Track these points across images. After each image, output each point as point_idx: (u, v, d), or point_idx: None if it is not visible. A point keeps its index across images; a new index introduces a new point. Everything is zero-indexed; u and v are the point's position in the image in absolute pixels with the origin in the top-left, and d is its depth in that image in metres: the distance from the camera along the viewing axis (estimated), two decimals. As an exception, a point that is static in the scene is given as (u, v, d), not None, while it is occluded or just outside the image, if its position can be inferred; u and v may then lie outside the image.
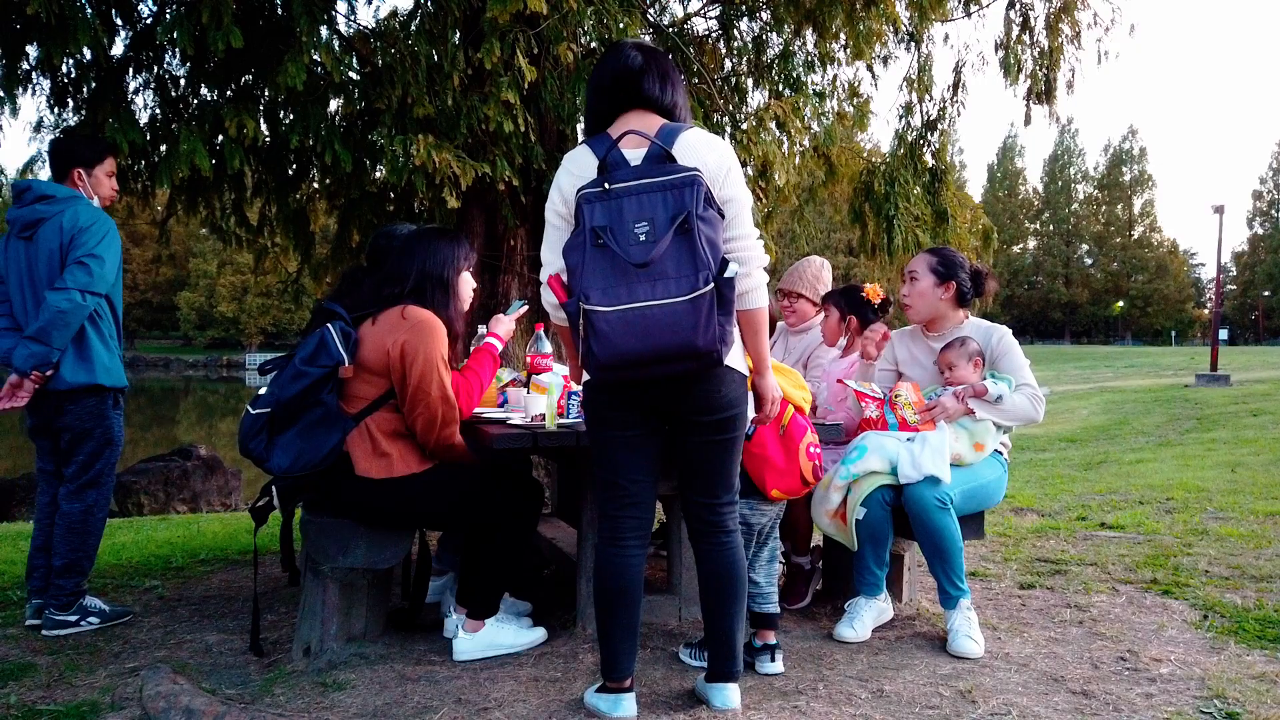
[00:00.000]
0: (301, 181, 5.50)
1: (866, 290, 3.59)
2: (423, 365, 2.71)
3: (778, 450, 2.67)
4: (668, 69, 2.35)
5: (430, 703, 2.45)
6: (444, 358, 2.77)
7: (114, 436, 3.28)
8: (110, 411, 3.26)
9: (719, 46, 5.88)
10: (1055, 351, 48.83)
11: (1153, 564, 3.93)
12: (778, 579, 2.86)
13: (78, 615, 3.20)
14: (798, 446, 2.68)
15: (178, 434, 22.11)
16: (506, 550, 2.84)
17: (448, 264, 2.89)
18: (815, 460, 2.71)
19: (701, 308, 2.06)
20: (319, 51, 4.15)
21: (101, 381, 3.20)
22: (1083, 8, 5.87)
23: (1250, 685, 2.54)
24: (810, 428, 2.75)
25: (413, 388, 2.71)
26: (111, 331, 3.28)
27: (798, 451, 2.68)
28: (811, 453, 2.70)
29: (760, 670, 2.66)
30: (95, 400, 3.21)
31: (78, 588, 3.22)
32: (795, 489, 2.71)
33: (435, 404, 2.74)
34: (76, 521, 3.22)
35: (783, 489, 2.69)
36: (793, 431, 2.68)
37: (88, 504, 3.24)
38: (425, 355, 2.71)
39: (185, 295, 63.62)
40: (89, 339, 3.17)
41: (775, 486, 2.68)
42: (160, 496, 8.25)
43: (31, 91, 4.69)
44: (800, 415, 2.71)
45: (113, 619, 3.27)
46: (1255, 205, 72.59)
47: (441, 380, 2.75)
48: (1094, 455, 9.46)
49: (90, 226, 3.14)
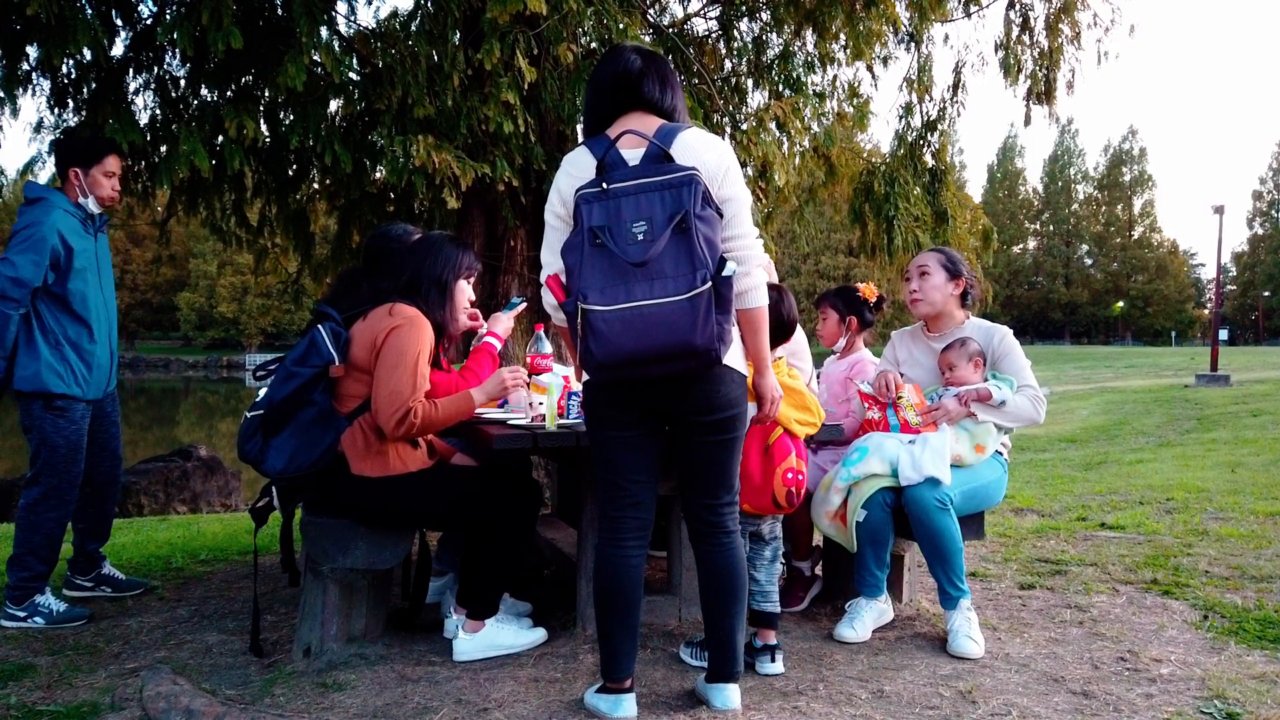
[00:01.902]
0: (301, 182, 5.50)
1: (861, 289, 3.60)
2: (398, 352, 2.66)
3: (757, 466, 2.64)
4: (667, 73, 2.36)
5: (430, 703, 2.45)
6: (423, 354, 2.71)
7: (49, 439, 3.25)
8: (42, 414, 3.24)
9: (719, 47, 5.88)
10: (1055, 352, 48.84)
11: (1153, 564, 3.93)
12: (778, 580, 2.86)
13: (26, 612, 3.25)
14: (775, 468, 2.64)
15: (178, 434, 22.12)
16: (506, 550, 2.84)
17: (448, 267, 2.89)
18: (792, 486, 2.65)
19: (699, 306, 2.06)
20: (319, 52, 4.15)
21: (20, 387, 3.21)
22: (1083, 8, 5.88)
23: (1250, 685, 2.54)
24: (798, 452, 2.69)
25: (379, 370, 2.67)
26: (69, 335, 3.26)
27: (774, 472, 2.64)
28: (788, 478, 2.64)
29: (760, 671, 2.66)
30: (28, 403, 3.25)
31: (23, 583, 3.25)
32: (765, 508, 2.68)
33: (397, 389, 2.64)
34: (20, 516, 3.30)
35: (753, 504, 2.66)
36: (774, 452, 2.65)
37: (30, 500, 3.29)
38: (401, 344, 2.67)
39: (185, 296, 63.62)
40: (32, 341, 3.20)
41: (747, 500, 2.63)
42: (160, 497, 8.25)
43: (31, 92, 4.69)
44: (789, 438, 2.67)
45: (62, 620, 3.26)
46: (1255, 205, 72.64)
47: (414, 370, 2.66)
48: (1094, 455, 9.46)
49: (18, 230, 3.17)
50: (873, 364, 3.57)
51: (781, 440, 2.66)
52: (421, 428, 2.71)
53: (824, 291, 3.80)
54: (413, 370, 2.67)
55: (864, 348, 3.69)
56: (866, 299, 3.60)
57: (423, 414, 2.69)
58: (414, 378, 2.67)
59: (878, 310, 3.65)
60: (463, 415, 2.81)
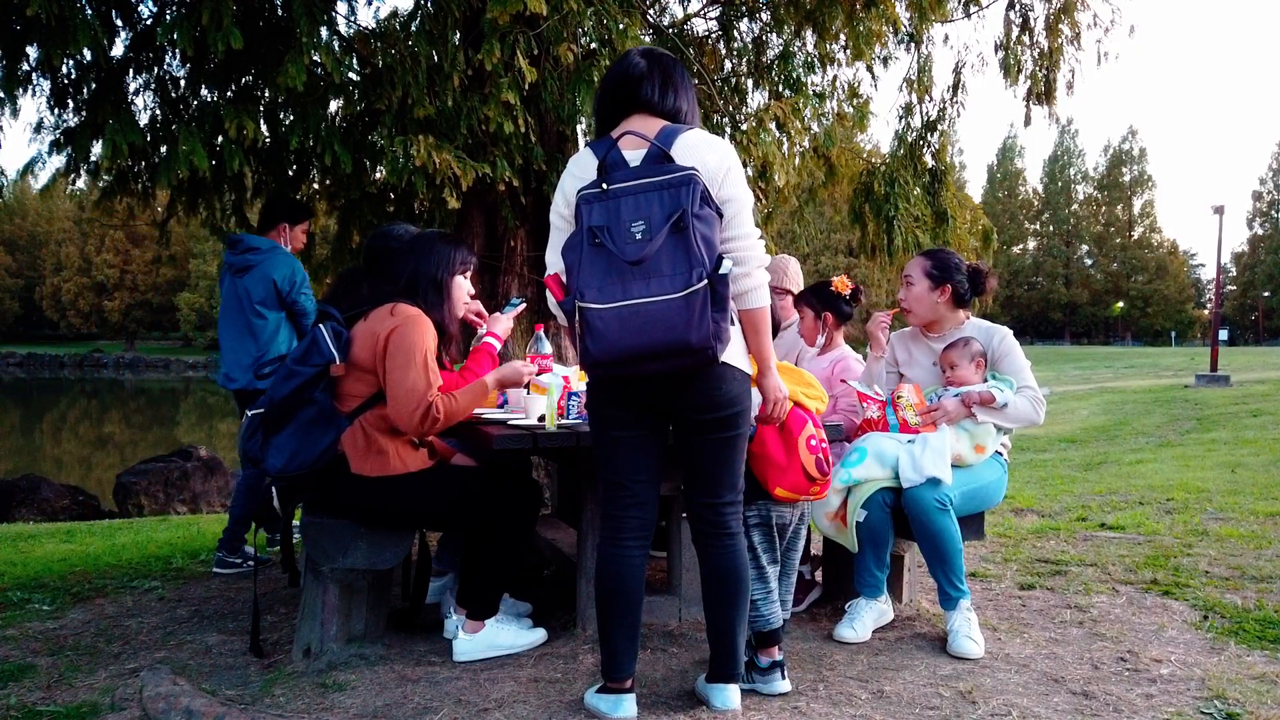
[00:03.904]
0: (301, 182, 5.50)
1: (835, 283, 3.57)
2: (406, 351, 2.66)
3: (777, 446, 2.54)
4: (671, 74, 2.36)
5: (430, 703, 2.45)
6: (430, 350, 2.73)
7: None
8: None
9: (719, 47, 5.88)
10: (1055, 352, 48.83)
11: (1153, 565, 3.93)
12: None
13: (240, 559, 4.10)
14: (796, 440, 2.53)
15: (178, 435, 22.12)
16: (506, 550, 2.84)
17: (442, 265, 2.89)
18: (818, 454, 2.54)
19: (695, 304, 2.06)
20: (319, 52, 4.15)
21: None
22: (1082, 9, 5.87)
23: (1250, 686, 2.54)
24: (814, 421, 2.59)
25: (391, 371, 2.67)
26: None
27: (797, 445, 2.53)
28: (813, 445, 2.54)
29: (767, 691, 2.51)
30: None
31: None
32: (800, 485, 2.53)
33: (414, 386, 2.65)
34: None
35: (786, 486, 2.54)
36: (790, 425, 2.55)
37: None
38: (408, 342, 2.68)
39: (185, 296, 63.61)
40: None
41: (778, 484, 2.54)
42: (160, 497, 8.26)
43: (31, 92, 4.68)
44: (800, 409, 2.58)
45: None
46: (1255, 205, 72.56)
47: (425, 365, 2.67)
48: (1094, 456, 9.46)
49: (300, 277, 4.16)
50: (857, 361, 3.58)
51: (794, 413, 2.56)
52: (445, 420, 2.71)
53: (799, 291, 3.80)
54: (424, 366, 2.68)
55: (843, 343, 3.68)
56: (840, 292, 3.58)
57: (444, 406, 2.69)
58: (427, 373, 2.68)
59: (854, 303, 3.61)
60: (480, 403, 2.84)
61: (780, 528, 2.70)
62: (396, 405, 2.67)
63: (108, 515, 7.97)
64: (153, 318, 68.91)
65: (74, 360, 63.22)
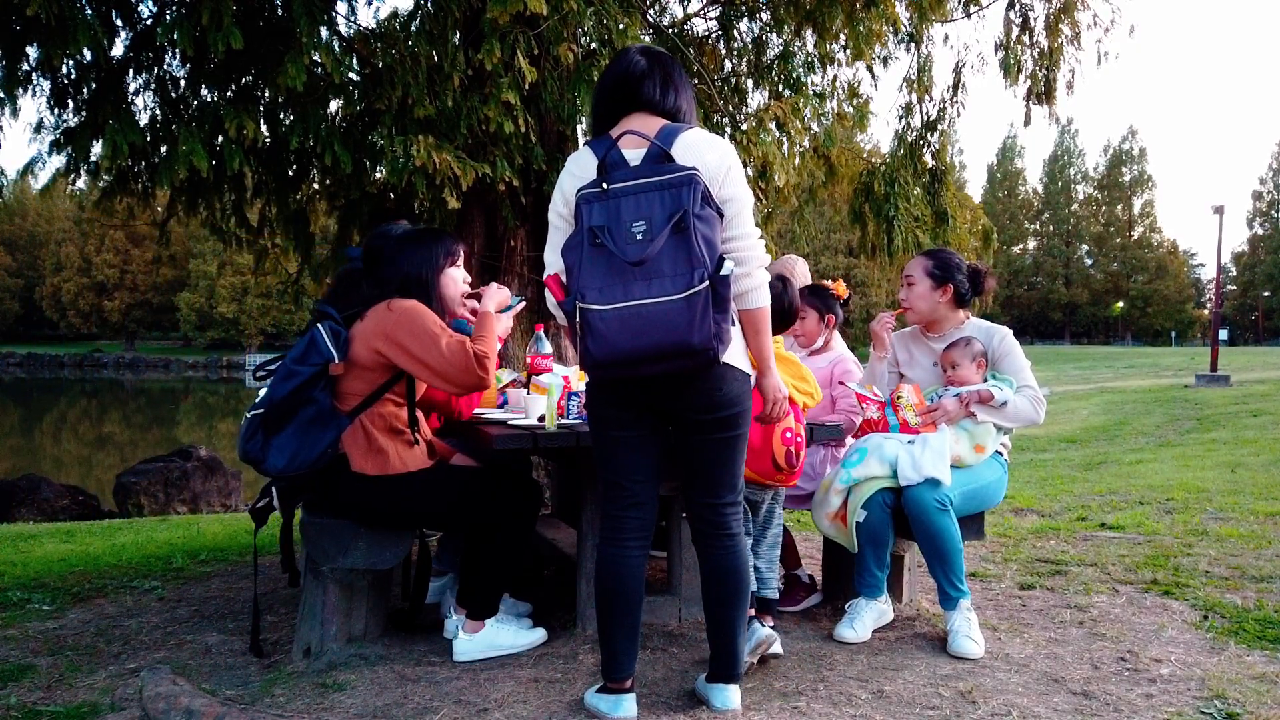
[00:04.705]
0: (301, 182, 5.50)
1: (833, 287, 3.64)
2: (423, 330, 2.69)
3: (754, 430, 2.59)
4: (671, 73, 2.36)
5: (430, 703, 2.45)
6: (439, 324, 2.74)
7: None
8: None
9: (719, 47, 5.88)
10: (1055, 352, 48.84)
11: (1153, 564, 3.93)
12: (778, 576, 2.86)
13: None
14: (773, 429, 2.64)
15: (178, 435, 22.14)
16: (506, 550, 2.84)
17: (425, 265, 2.88)
18: (791, 445, 2.65)
19: (696, 305, 2.06)
20: (319, 52, 4.15)
21: None
22: (1082, 8, 5.87)
23: (1250, 686, 2.54)
24: (796, 414, 2.70)
25: (421, 354, 2.69)
26: None
27: (772, 434, 2.64)
28: (787, 438, 2.65)
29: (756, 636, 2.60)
30: None
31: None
32: (767, 471, 2.67)
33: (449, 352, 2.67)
34: None
35: (754, 469, 2.65)
36: None
37: None
38: (420, 324, 2.70)
39: (185, 296, 63.61)
40: None
41: (747, 465, 2.56)
42: (160, 497, 8.27)
43: (31, 92, 4.68)
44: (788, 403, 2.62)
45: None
46: (1255, 205, 72.56)
47: (445, 330, 2.71)
48: (1094, 456, 9.46)
49: None
50: (854, 363, 3.59)
51: None
52: (491, 357, 2.72)
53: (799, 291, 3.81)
54: (442, 332, 2.70)
55: (842, 344, 3.70)
56: (839, 296, 3.63)
57: (482, 349, 2.70)
58: (449, 337, 2.70)
59: (845, 307, 3.70)
60: (494, 332, 2.84)
61: (752, 504, 2.80)
62: (447, 373, 2.68)
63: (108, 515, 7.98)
64: (153, 318, 68.92)
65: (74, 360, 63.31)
